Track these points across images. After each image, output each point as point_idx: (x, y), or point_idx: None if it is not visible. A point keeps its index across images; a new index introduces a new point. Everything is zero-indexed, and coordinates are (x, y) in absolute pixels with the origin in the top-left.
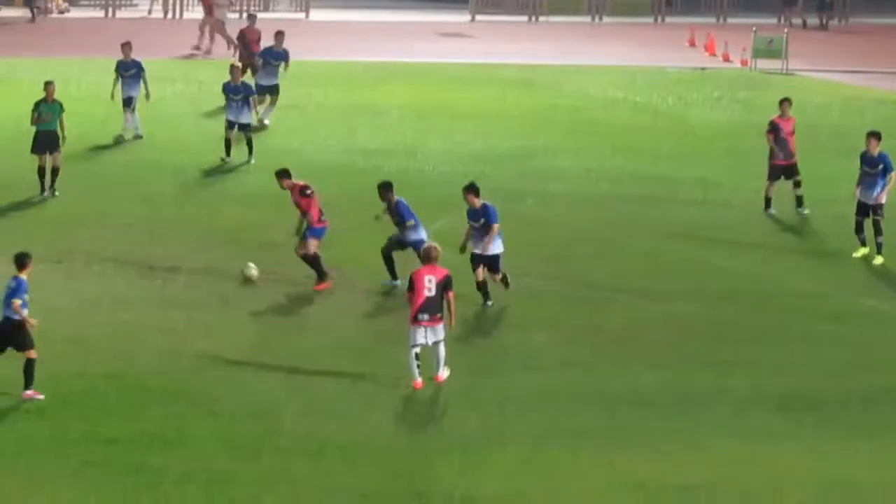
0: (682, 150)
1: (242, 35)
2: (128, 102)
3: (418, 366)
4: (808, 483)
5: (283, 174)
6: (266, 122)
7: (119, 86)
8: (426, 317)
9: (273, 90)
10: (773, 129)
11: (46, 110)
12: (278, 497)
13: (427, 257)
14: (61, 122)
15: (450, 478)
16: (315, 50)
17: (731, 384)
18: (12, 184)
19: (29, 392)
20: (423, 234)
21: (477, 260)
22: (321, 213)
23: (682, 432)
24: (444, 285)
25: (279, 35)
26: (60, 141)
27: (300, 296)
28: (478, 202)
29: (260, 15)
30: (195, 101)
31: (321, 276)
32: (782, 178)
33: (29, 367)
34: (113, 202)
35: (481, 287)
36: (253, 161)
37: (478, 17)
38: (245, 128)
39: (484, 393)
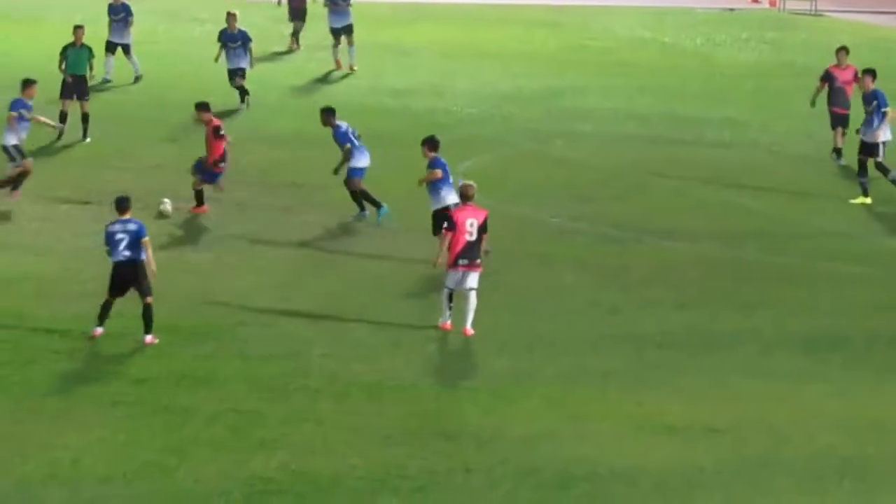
0: (710, 91)
1: None
2: (111, 48)
3: (450, 307)
4: (835, 423)
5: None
6: (355, 67)
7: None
8: (466, 261)
9: (348, 30)
10: (827, 77)
11: (74, 55)
12: (305, 436)
13: (464, 196)
14: (91, 67)
15: (477, 418)
16: None
17: (757, 324)
18: (39, 126)
19: (150, 337)
20: (362, 162)
21: None
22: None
23: (709, 373)
24: (484, 227)
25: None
26: (87, 86)
27: (329, 237)
28: (430, 155)
29: None
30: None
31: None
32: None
33: (148, 312)
34: (140, 143)
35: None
36: (245, 107)
37: None
38: (241, 73)
39: (512, 333)
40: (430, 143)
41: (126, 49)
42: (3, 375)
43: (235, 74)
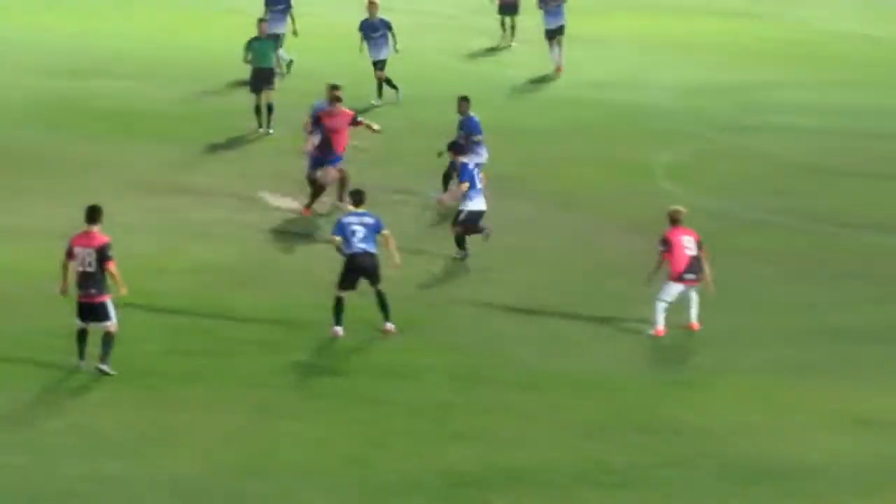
0: None
1: None
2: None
3: (664, 315)
4: None
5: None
6: (562, 68)
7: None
8: (692, 276)
9: (560, 31)
10: None
11: (259, 47)
12: (503, 429)
13: (675, 220)
14: (277, 59)
15: (676, 412)
16: None
17: None
18: (232, 114)
19: (390, 325)
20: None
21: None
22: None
23: None
24: (700, 244)
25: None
26: (275, 78)
27: (529, 228)
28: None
29: None
30: (415, 34)
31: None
32: None
33: (382, 298)
34: None
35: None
36: (377, 102)
37: None
38: (381, 65)
39: (710, 327)
40: (456, 148)
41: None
42: (203, 365)
43: (377, 66)
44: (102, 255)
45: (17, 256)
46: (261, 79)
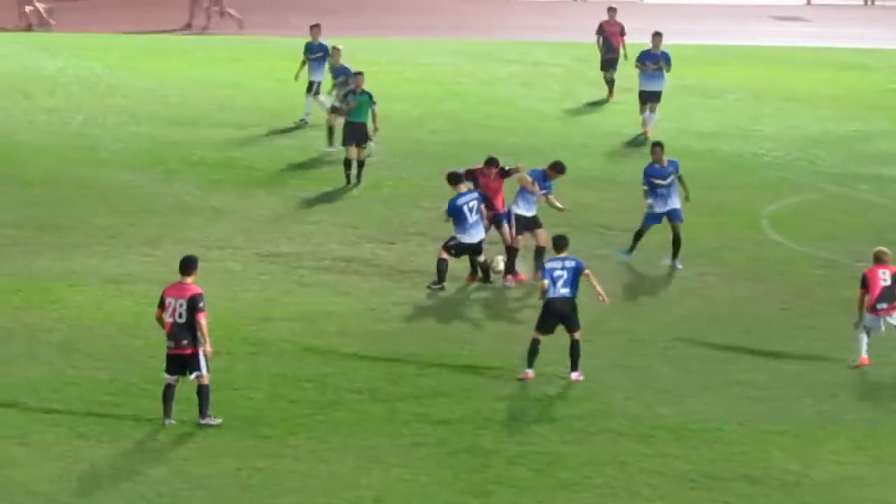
0: None
1: (601, 28)
2: (310, 87)
3: (868, 345)
4: None
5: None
6: (649, 133)
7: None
8: (885, 305)
9: (655, 97)
10: None
11: (354, 100)
12: (607, 479)
13: (879, 259)
14: (373, 114)
15: (782, 462)
16: (648, 32)
17: None
18: (340, 163)
19: (576, 374)
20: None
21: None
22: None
23: None
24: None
25: (657, 36)
26: (372, 133)
27: (634, 278)
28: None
29: None
30: (529, 83)
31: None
32: None
33: (576, 348)
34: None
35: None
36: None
37: (813, 1)
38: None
39: (817, 377)
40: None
41: (315, 88)
42: (309, 414)
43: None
44: (193, 307)
45: (125, 305)
46: (354, 133)
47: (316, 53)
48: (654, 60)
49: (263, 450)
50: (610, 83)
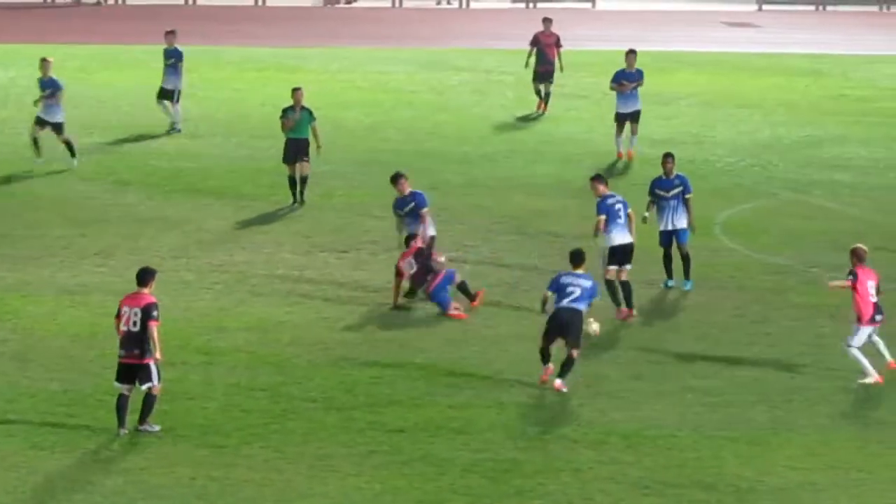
0: None
1: (536, 39)
2: (165, 94)
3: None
4: None
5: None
6: (632, 155)
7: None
8: (880, 317)
9: (634, 117)
10: None
11: (293, 117)
12: (562, 486)
13: (861, 258)
14: (314, 131)
15: (735, 468)
16: (600, 39)
17: None
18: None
19: (560, 382)
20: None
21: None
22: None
23: None
24: (878, 288)
25: (631, 54)
26: (313, 149)
27: None
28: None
29: (546, 4)
30: (481, 91)
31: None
32: None
33: (570, 361)
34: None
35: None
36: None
37: (764, 7)
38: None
39: (770, 383)
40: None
41: (172, 95)
42: (263, 424)
43: (54, 129)
44: (146, 315)
45: (79, 315)
46: (294, 150)
47: (169, 59)
48: (630, 80)
49: (218, 459)
50: (546, 96)
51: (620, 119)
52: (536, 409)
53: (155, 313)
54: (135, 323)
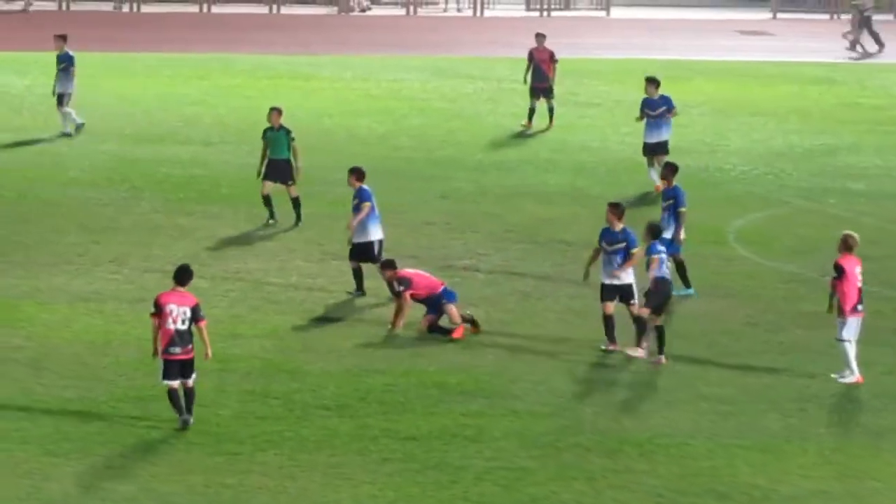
0: None
1: (531, 55)
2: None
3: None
4: None
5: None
6: (658, 186)
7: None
8: (861, 307)
9: (663, 147)
10: None
11: (273, 138)
12: (575, 494)
13: (850, 247)
14: (294, 152)
15: (749, 476)
16: (614, 47)
17: None
18: (308, 180)
19: (663, 358)
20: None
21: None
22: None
23: None
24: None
25: (650, 83)
26: (294, 172)
27: (594, 288)
28: (619, 224)
29: (560, 13)
30: (494, 99)
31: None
32: None
33: (660, 332)
34: (411, 199)
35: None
36: None
37: (779, 15)
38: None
39: (784, 391)
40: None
41: (61, 99)
42: (277, 431)
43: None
44: (196, 315)
45: (93, 323)
46: (274, 171)
47: (61, 64)
48: (652, 108)
49: (232, 466)
50: (550, 111)
51: (646, 150)
52: (549, 418)
53: (202, 313)
54: (184, 321)
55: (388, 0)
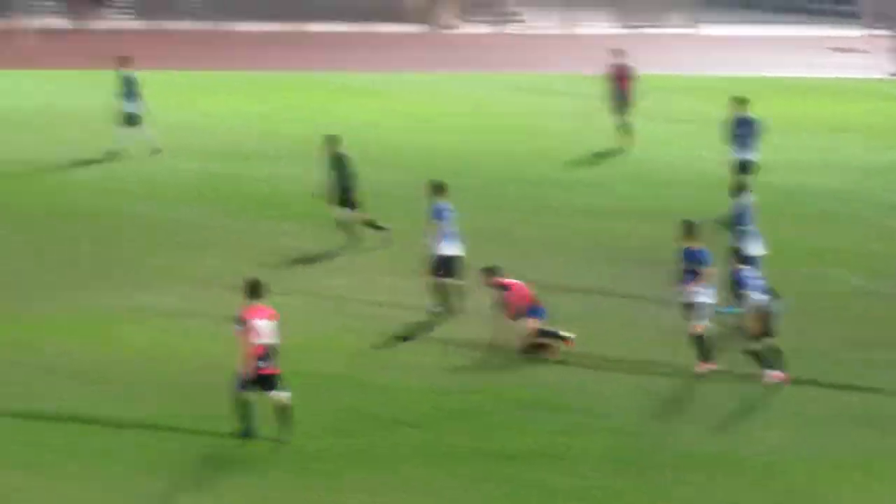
0: None
1: (609, 72)
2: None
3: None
4: None
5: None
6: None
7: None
8: None
9: (748, 166)
10: None
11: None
12: None
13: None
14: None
15: (843, 496)
16: (703, 64)
17: None
18: (384, 196)
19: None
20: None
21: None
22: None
23: None
24: None
25: (741, 103)
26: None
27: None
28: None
29: (650, 30)
30: (582, 115)
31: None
32: None
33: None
34: (506, 218)
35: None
36: None
37: (871, 32)
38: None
39: (881, 410)
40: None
41: (133, 119)
42: (366, 450)
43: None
44: (277, 329)
45: (183, 342)
46: (341, 194)
47: (127, 85)
48: (740, 126)
49: (319, 484)
50: (625, 128)
51: (735, 168)
52: (638, 435)
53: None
54: (271, 335)
55: (477, 18)
